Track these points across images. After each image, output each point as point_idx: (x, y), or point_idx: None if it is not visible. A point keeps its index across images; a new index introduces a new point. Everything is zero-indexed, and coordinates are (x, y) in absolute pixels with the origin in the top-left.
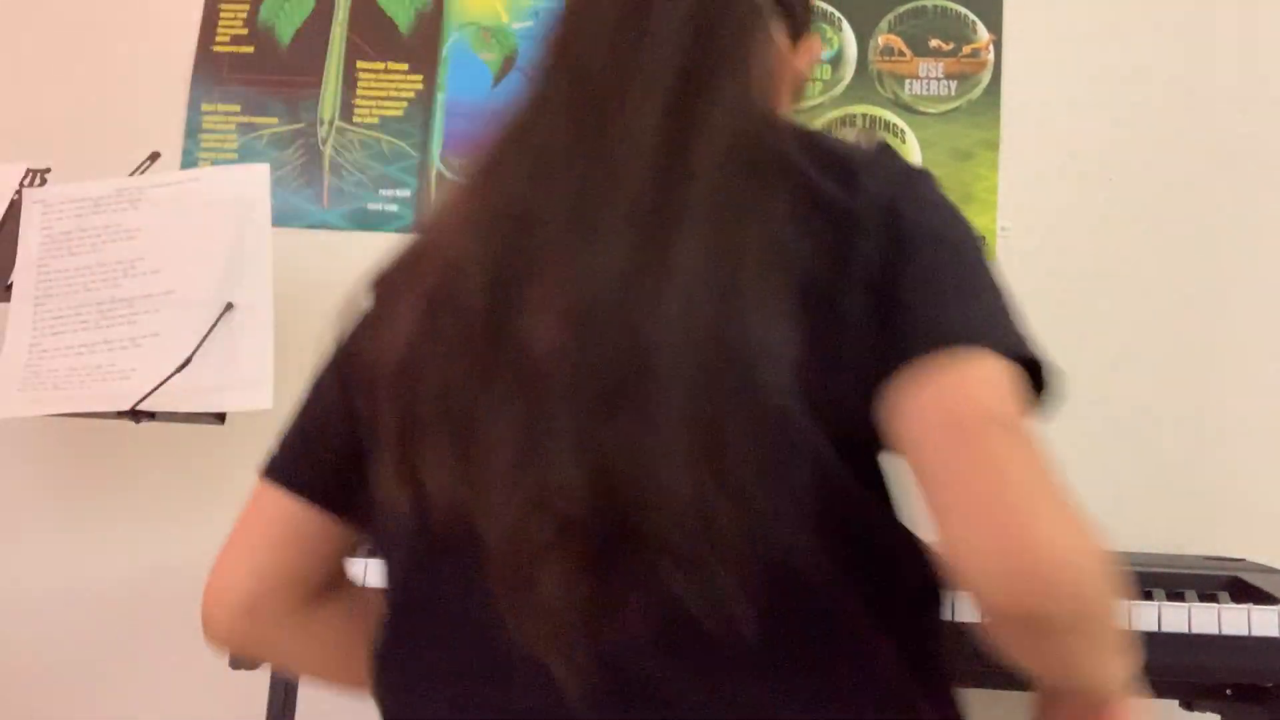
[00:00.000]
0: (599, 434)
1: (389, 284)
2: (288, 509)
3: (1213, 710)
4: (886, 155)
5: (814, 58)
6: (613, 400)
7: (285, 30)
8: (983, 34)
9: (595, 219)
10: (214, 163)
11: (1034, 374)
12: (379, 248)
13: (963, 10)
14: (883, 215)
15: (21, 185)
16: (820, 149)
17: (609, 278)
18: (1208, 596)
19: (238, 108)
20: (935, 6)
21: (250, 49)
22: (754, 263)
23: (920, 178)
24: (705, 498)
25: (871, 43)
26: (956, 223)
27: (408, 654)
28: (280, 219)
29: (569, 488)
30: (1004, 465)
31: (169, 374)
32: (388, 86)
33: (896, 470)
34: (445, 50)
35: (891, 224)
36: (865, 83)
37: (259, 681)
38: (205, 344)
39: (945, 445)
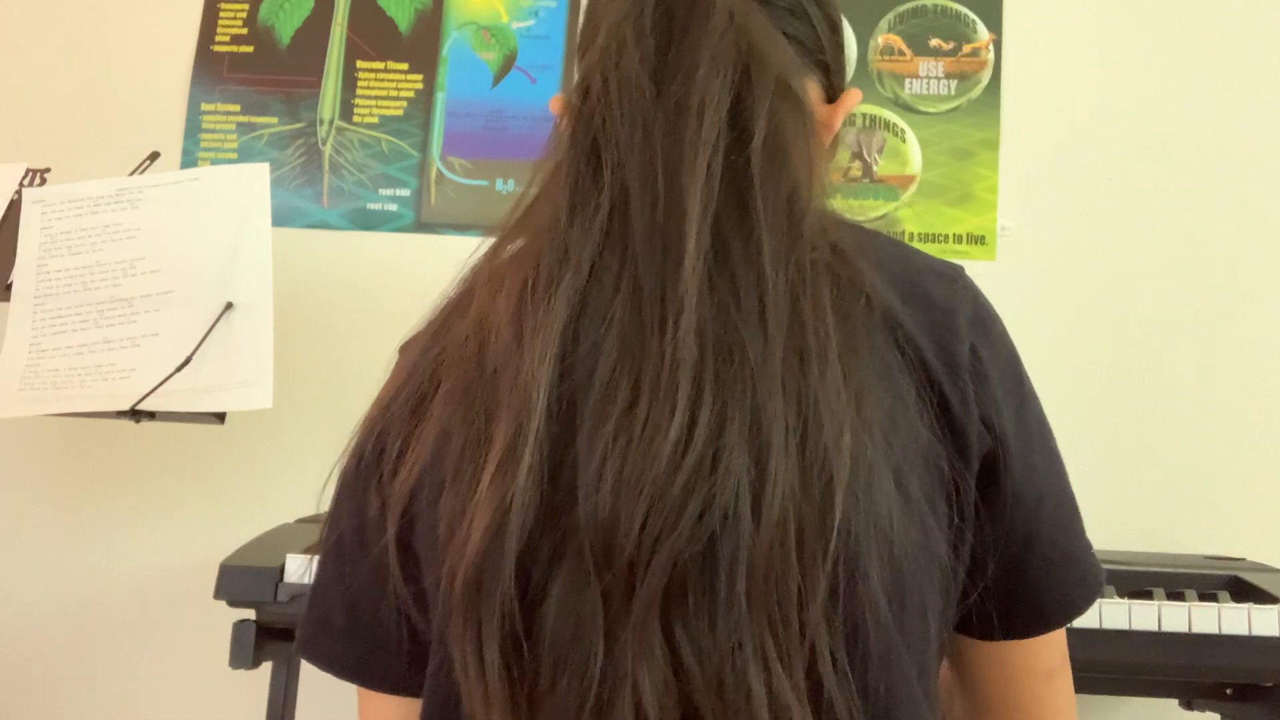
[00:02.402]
0: None
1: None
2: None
3: (1213, 710)
4: (974, 300)
5: (849, 113)
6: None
7: (285, 30)
8: (983, 33)
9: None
10: (214, 162)
11: None
12: (379, 247)
13: (963, 10)
14: (984, 412)
15: (21, 185)
16: (907, 287)
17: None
18: (1208, 596)
19: (237, 107)
20: (935, 6)
21: (250, 49)
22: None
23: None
24: None
25: (871, 42)
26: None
27: None
28: (280, 219)
29: None
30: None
31: (169, 374)
32: (388, 86)
33: None
34: (445, 50)
35: (995, 429)
36: (865, 82)
37: (259, 681)
38: (205, 344)
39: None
